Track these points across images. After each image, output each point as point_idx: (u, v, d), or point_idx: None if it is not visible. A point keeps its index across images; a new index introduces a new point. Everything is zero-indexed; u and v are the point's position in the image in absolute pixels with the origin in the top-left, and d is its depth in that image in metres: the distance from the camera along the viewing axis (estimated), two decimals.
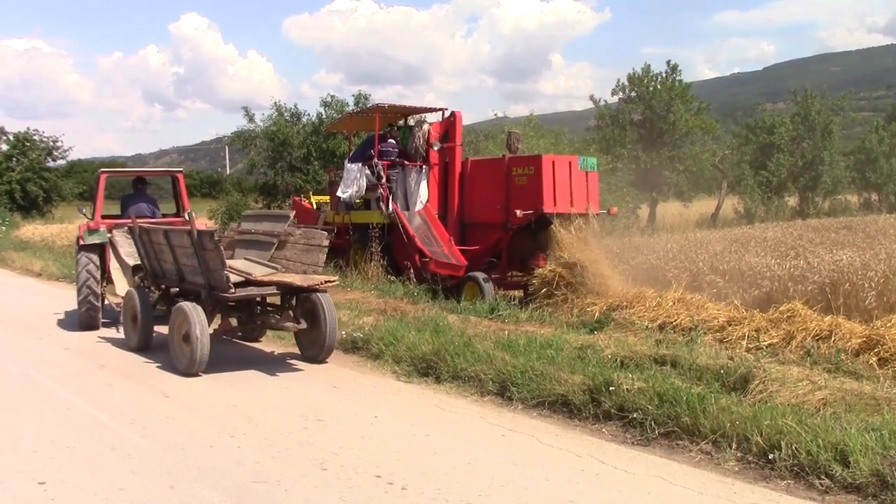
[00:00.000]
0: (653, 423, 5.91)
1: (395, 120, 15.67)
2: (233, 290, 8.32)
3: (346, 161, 15.38)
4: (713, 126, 32.87)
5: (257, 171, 30.41)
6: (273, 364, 8.92)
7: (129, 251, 10.51)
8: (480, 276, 12.61)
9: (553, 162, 12.72)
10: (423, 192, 14.22)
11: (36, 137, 39.19)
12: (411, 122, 15.58)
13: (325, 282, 8.68)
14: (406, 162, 14.30)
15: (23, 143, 38.66)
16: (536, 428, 6.28)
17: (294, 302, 9.04)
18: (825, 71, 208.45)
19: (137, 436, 6.18)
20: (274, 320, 9.12)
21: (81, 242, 11.10)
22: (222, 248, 8.53)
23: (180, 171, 13.05)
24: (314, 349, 8.91)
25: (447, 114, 14.65)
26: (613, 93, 32.70)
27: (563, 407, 6.61)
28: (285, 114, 28.81)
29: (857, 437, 5.01)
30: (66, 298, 14.69)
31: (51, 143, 39.63)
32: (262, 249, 9.68)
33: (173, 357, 8.56)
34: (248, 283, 8.65)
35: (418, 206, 14.13)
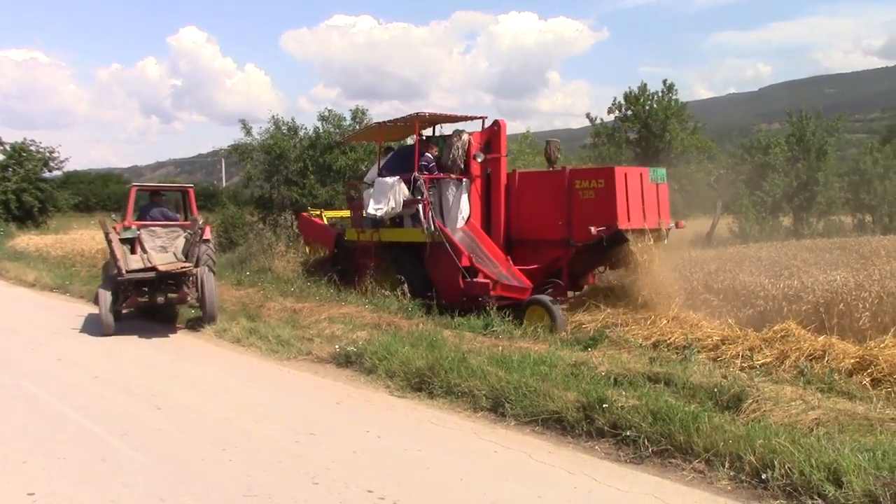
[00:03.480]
0: (646, 441, 5.89)
1: (426, 128, 14.38)
2: (122, 276, 11.40)
3: (370, 173, 14.23)
4: (709, 145, 33.01)
5: (253, 184, 30.31)
6: (265, 377, 8.90)
7: (152, 245, 13.08)
8: (547, 298, 11.56)
9: (625, 174, 11.74)
10: (464, 207, 13.02)
11: (32, 148, 38.94)
12: (446, 132, 14.12)
13: (181, 268, 11.65)
14: (450, 175, 13.12)
15: (19, 153, 38.45)
16: (529, 444, 6.26)
17: (190, 282, 11.91)
18: (820, 93, 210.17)
19: (129, 448, 6.15)
20: (170, 295, 11.90)
21: (119, 237, 13.05)
22: (114, 246, 11.71)
23: (190, 186, 15.51)
24: (203, 313, 11.90)
25: (489, 122, 13.52)
26: (610, 111, 32.91)
27: (556, 424, 6.58)
28: (282, 127, 28.79)
29: (850, 457, 5.01)
30: (60, 309, 14.68)
31: (47, 154, 39.37)
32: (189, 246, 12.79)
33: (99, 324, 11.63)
34: (144, 269, 11.73)
35: (459, 223, 12.95)
